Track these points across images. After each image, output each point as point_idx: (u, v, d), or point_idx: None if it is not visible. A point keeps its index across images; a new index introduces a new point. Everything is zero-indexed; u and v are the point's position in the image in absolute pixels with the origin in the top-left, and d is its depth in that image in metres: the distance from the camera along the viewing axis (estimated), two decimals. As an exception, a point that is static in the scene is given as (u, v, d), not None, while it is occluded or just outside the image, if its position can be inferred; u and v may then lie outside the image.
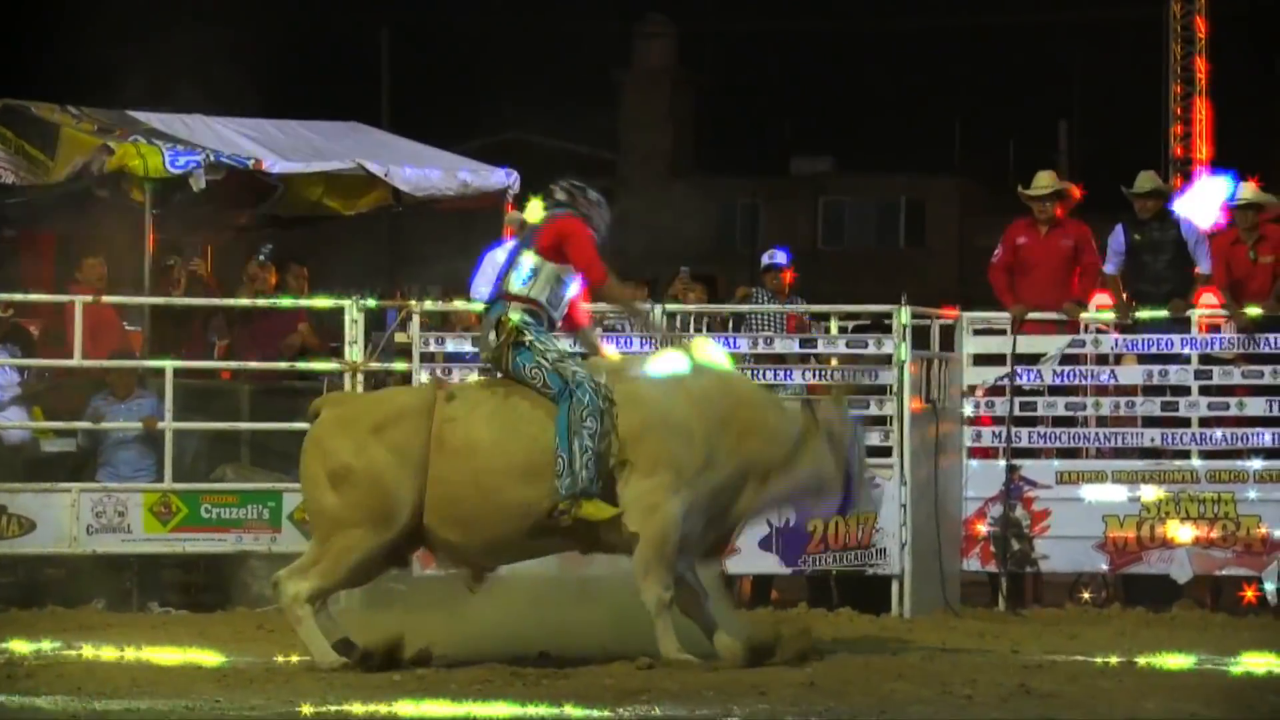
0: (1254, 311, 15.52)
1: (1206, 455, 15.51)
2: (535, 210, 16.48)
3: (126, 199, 17.22)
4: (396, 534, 11.72)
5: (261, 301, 16.82)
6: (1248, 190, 15.91)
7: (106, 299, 16.41)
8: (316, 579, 11.65)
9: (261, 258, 17.64)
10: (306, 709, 9.83)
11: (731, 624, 12.04)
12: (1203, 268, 15.90)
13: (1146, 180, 16.10)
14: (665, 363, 12.16)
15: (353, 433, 11.79)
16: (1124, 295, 15.89)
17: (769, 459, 12.00)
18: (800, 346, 16.07)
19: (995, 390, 15.83)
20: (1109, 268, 15.98)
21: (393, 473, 11.65)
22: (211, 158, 16.96)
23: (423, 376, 15.48)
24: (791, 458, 12.05)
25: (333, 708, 9.78)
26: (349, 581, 12.15)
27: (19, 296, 16.41)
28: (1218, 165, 27.87)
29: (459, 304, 16.24)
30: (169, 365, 15.78)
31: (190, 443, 15.95)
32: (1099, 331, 15.96)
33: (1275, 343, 15.48)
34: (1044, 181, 16.17)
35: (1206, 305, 15.79)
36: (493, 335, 12.03)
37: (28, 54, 22.62)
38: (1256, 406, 15.50)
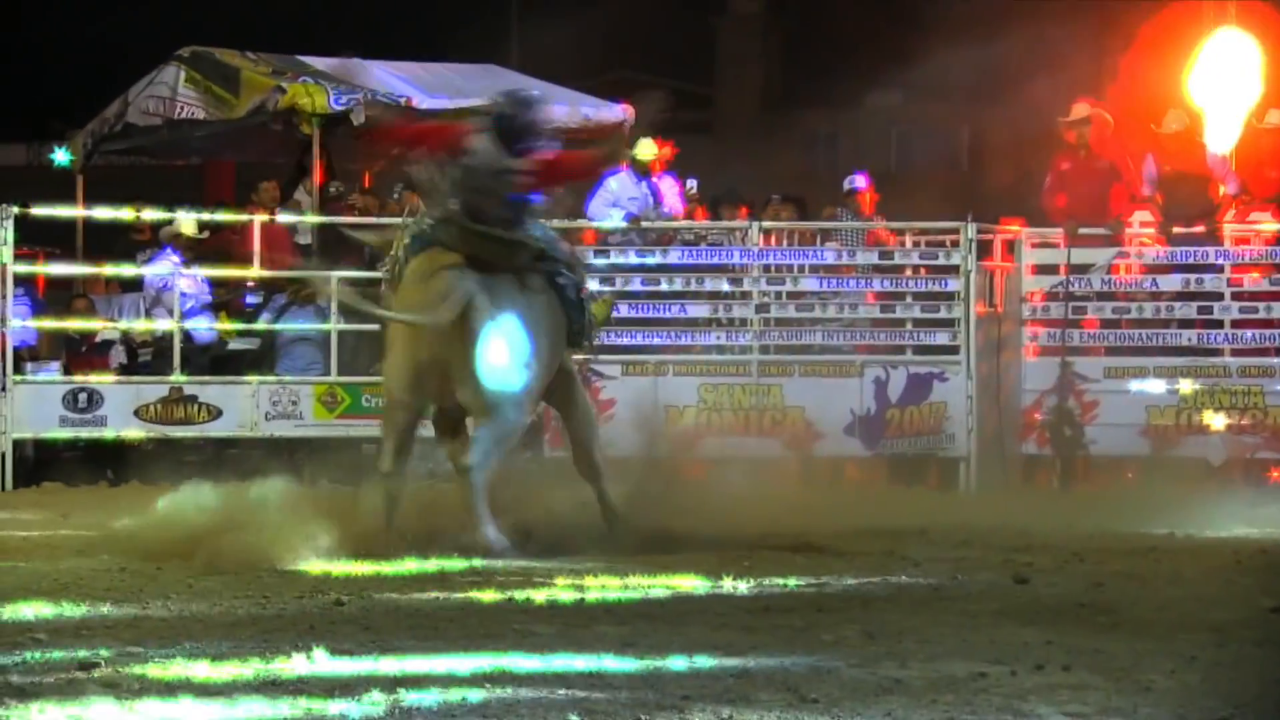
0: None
1: (1237, 353, 15.39)
2: (646, 148, 16.48)
3: (297, 132, 17.27)
4: None
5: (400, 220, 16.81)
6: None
7: (280, 218, 16.49)
8: None
9: (395, 196, 17.67)
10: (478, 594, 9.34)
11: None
12: (1230, 189, 15.71)
13: (1173, 120, 15.88)
14: None
15: None
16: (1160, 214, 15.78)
17: None
18: (879, 259, 16.00)
19: (1051, 296, 15.72)
20: (1145, 190, 15.82)
21: None
22: (369, 96, 16.96)
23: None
24: None
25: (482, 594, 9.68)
26: None
27: (206, 215, 16.52)
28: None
29: (580, 222, 16.20)
30: (335, 275, 15.84)
31: (352, 341, 16.05)
32: (1141, 244, 15.82)
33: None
34: (1077, 111, 15.99)
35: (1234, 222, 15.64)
36: None
37: (210, 5, 22.65)
38: (1281, 310, 15.37)
